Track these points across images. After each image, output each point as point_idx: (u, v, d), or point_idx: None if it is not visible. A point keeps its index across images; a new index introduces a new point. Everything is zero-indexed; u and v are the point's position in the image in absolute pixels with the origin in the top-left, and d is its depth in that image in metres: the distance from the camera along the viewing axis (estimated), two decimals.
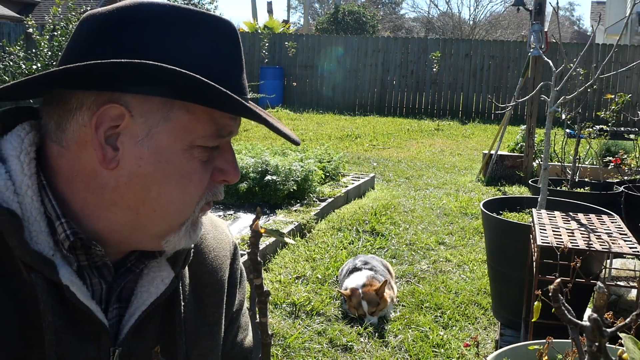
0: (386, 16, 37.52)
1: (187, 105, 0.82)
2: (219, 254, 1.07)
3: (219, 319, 1.04)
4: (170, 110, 0.82)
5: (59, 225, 0.82)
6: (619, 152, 5.43)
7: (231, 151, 0.90)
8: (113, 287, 0.89)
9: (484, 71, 14.91)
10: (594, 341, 0.51)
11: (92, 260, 0.86)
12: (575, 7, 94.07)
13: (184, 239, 0.89)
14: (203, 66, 0.80)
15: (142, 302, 0.90)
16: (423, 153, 9.05)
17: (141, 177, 0.83)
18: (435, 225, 5.05)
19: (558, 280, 0.65)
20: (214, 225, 1.11)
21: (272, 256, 3.97)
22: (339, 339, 2.99)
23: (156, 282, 0.92)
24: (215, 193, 0.90)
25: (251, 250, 0.58)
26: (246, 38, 16.42)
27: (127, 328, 0.88)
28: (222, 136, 0.86)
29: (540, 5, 6.45)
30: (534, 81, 6.29)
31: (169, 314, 0.94)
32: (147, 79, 0.78)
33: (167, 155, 0.83)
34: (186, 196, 0.86)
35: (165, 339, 0.93)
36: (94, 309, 0.83)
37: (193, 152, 0.84)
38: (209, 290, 1.03)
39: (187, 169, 0.84)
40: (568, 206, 3.06)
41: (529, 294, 2.42)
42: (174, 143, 0.83)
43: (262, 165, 5.12)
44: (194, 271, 1.01)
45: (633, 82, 13.75)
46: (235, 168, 0.89)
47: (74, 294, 0.80)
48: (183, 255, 0.95)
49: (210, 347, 1.01)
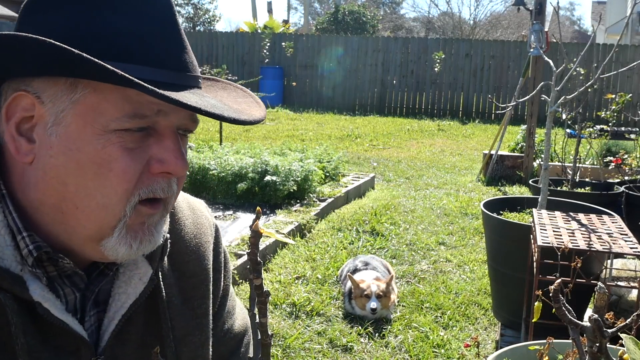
0: (386, 16, 37.52)
1: (95, 85, 0.73)
2: (201, 240, 0.99)
3: (206, 311, 0.98)
4: (75, 92, 0.74)
5: (21, 240, 0.76)
6: (619, 152, 5.43)
7: (173, 137, 0.78)
8: (87, 294, 0.83)
9: (484, 71, 14.91)
10: (594, 341, 0.51)
11: (62, 270, 0.80)
12: (575, 7, 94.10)
13: (123, 246, 0.78)
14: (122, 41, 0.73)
15: (121, 305, 0.84)
16: (423, 153, 9.05)
17: (54, 169, 0.75)
18: (435, 225, 5.05)
19: (558, 280, 0.64)
20: (192, 208, 1.02)
21: (272, 256, 3.97)
22: (339, 339, 2.99)
23: (134, 282, 0.86)
24: (153, 189, 0.78)
25: (251, 250, 0.57)
26: (246, 38, 16.44)
27: (107, 334, 0.83)
28: (144, 116, 0.75)
29: (540, 5, 6.45)
30: (535, 81, 6.29)
31: (153, 312, 0.89)
32: (30, 55, 0.70)
33: (78, 143, 0.74)
34: (107, 188, 0.75)
35: (151, 338, 0.89)
36: (69, 322, 0.78)
37: (110, 137, 0.74)
38: (194, 281, 0.96)
39: (103, 157, 0.74)
40: (568, 206, 3.06)
41: (529, 294, 2.42)
42: (83, 128, 0.74)
43: (262, 165, 5.12)
44: (176, 262, 0.95)
45: (633, 82, 13.75)
46: (177, 157, 0.78)
47: (47, 311, 0.75)
48: (160, 249, 0.87)
49: (200, 342, 0.96)
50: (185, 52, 0.79)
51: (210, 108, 0.75)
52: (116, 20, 0.74)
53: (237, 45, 16.37)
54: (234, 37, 16.68)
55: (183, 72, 0.78)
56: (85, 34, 0.73)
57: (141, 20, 0.75)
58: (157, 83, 0.72)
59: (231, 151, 5.95)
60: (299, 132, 10.65)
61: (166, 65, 0.76)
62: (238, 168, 5.14)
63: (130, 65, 0.72)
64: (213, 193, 5.22)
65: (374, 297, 3.17)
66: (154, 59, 0.75)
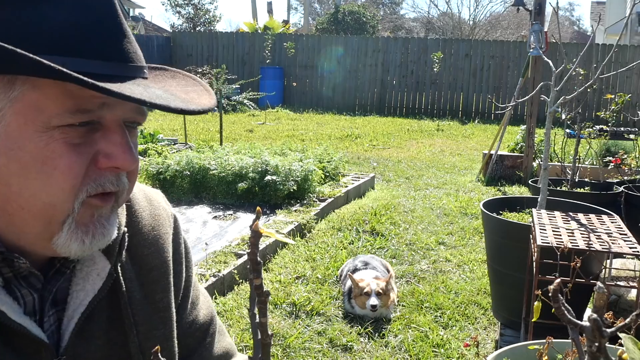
0: (386, 16, 37.52)
1: (33, 81, 0.71)
2: (159, 232, 0.98)
3: (168, 304, 0.96)
4: (13, 89, 0.71)
5: None
6: (618, 152, 5.43)
7: (120, 131, 0.76)
8: (44, 294, 0.81)
9: (484, 71, 14.92)
10: (593, 341, 0.51)
11: (17, 271, 0.78)
12: (575, 7, 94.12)
13: (75, 242, 0.75)
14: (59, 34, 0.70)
15: (80, 302, 0.83)
16: (423, 153, 9.05)
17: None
18: (435, 225, 5.05)
19: (558, 280, 0.65)
20: (149, 199, 1.00)
21: (272, 256, 3.97)
22: (339, 339, 2.99)
23: (92, 278, 0.84)
24: (102, 183, 0.75)
25: (251, 250, 0.58)
26: (246, 38, 16.45)
27: (68, 333, 0.82)
28: (87, 111, 0.72)
29: (540, 5, 6.45)
30: (534, 81, 6.29)
31: (115, 308, 0.87)
32: None
33: (19, 142, 0.71)
34: (53, 187, 0.73)
35: (115, 334, 0.87)
36: (27, 325, 0.76)
37: (53, 134, 0.72)
38: (154, 275, 0.95)
39: (46, 154, 0.72)
40: (568, 206, 3.06)
41: (529, 294, 2.42)
42: (24, 126, 0.71)
43: (262, 165, 5.12)
44: (135, 255, 0.93)
45: (633, 82, 13.76)
46: (124, 151, 0.75)
47: (4, 314, 0.74)
48: (117, 243, 0.86)
49: (165, 335, 0.95)
50: (126, 42, 0.76)
51: (155, 99, 0.72)
52: (54, 13, 0.71)
53: (237, 45, 16.37)
54: (234, 37, 16.68)
55: (125, 63, 0.75)
56: (22, 29, 0.70)
57: (79, 12, 0.72)
58: (97, 75, 0.70)
59: (232, 151, 5.95)
60: (299, 132, 10.65)
61: (107, 57, 0.73)
62: (238, 168, 5.14)
63: (69, 59, 0.70)
64: (213, 193, 5.22)
65: (374, 295, 3.18)
66: (93, 50, 0.72)
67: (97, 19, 0.73)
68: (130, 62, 0.76)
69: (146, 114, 0.82)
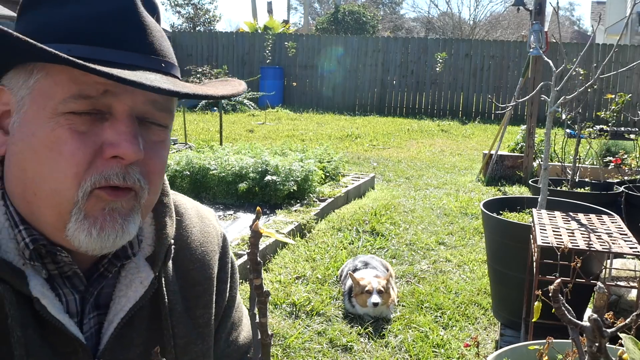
0: (386, 16, 37.51)
1: (48, 69, 0.74)
2: (207, 249, 0.98)
3: (209, 320, 0.97)
4: (31, 78, 0.75)
5: (18, 234, 0.76)
6: (619, 152, 5.43)
7: (127, 122, 0.76)
8: (86, 296, 0.83)
9: (484, 71, 14.92)
10: (594, 341, 0.51)
11: (62, 269, 0.80)
12: (575, 7, 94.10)
13: (82, 232, 0.75)
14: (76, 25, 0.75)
15: (121, 308, 0.84)
16: (423, 153, 9.05)
17: (15, 156, 0.76)
18: (435, 225, 5.05)
19: (558, 280, 0.65)
20: (200, 216, 1.02)
21: (272, 256, 3.97)
22: (339, 339, 2.99)
23: (134, 285, 0.85)
24: (107, 175, 0.75)
25: (251, 250, 0.58)
26: (246, 38, 16.45)
27: (106, 337, 0.82)
28: (88, 97, 0.74)
29: (540, 5, 6.45)
30: (534, 81, 6.29)
31: (156, 318, 0.88)
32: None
33: (32, 128, 0.74)
34: (58, 172, 0.74)
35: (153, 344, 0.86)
36: (66, 323, 0.77)
37: (59, 120, 0.73)
38: (197, 290, 0.95)
39: (52, 140, 0.73)
40: (568, 206, 3.06)
41: (529, 294, 2.42)
42: (37, 113, 0.74)
43: (262, 165, 5.12)
44: (180, 269, 0.94)
45: (633, 82, 13.76)
46: (127, 140, 0.74)
47: (44, 307, 0.75)
48: (163, 253, 0.87)
49: (202, 351, 0.95)
50: (146, 35, 0.77)
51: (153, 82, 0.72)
52: (77, 8, 0.75)
53: (237, 45, 16.37)
54: (233, 37, 16.68)
55: (145, 54, 0.77)
56: (45, 24, 0.75)
57: (100, 5, 0.76)
58: (109, 63, 0.72)
59: (232, 151, 5.95)
60: (299, 132, 10.65)
61: (123, 46, 0.75)
62: (238, 168, 5.14)
63: (80, 46, 0.73)
64: (213, 193, 5.22)
65: (375, 293, 3.19)
66: (108, 39, 0.75)
67: (117, 11, 0.76)
68: (150, 53, 0.77)
69: (168, 111, 0.82)
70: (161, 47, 0.79)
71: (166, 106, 0.81)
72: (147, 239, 0.89)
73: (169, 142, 0.85)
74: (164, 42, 0.81)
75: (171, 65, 0.81)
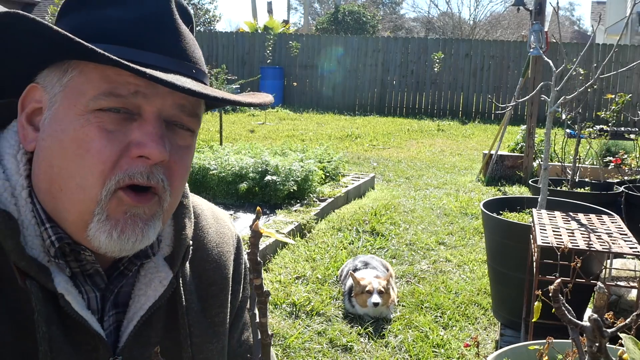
0: (386, 16, 37.51)
1: (82, 67, 0.76)
2: (223, 250, 1.00)
3: (224, 320, 0.98)
4: (65, 75, 0.77)
5: (44, 231, 0.78)
6: (619, 152, 5.43)
7: (155, 123, 0.77)
8: (106, 294, 0.84)
9: (484, 71, 14.92)
10: (594, 341, 0.51)
11: (84, 267, 0.82)
12: (575, 7, 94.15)
13: (103, 234, 0.76)
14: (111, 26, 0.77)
15: (140, 306, 0.85)
16: (423, 153, 9.05)
17: (43, 152, 0.77)
18: (435, 225, 5.05)
19: (558, 280, 0.65)
20: (216, 218, 1.04)
21: (272, 256, 3.97)
22: (339, 339, 2.99)
23: (154, 284, 0.86)
24: (131, 173, 0.76)
25: (251, 250, 0.58)
26: (246, 38, 16.45)
27: (126, 335, 0.84)
28: (119, 95, 0.75)
29: (540, 5, 6.45)
30: (534, 81, 6.29)
31: (173, 317, 0.89)
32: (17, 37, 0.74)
33: (62, 124, 0.76)
34: (84, 169, 0.75)
35: (170, 342, 0.89)
36: (89, 319, 0.79)
37: (89, 118, 0.75)
38: (213, 290, 0.97)
39: (81, 137, 0.75)
40: (568, 206, 3.06)
41: (529, 294, 2.42)
42: (68, 109, 0.76)
43: (262, 165, 5.12)
44: (197, 269, 0.96)
45: (633, 82, 13.75)
46: (153, 140, 0.76)
47: (68, 303, 0.76)
48: (181, 253, 0.89)
49: (217, 350, 0.96)
50: (179, 40, 0.80)
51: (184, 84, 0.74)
52: (114, 11, 0.77)
53: (237, 45, 16.37)
54: (234, 37, 16.68)
55: (176, 59, 0.79)
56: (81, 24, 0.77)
57: (136, 9, 0.78)
58: (141, 64, 0.74)
59: (232, 151, 5.95)
60: (299, 132, 10.65)
61: (157, 49, 0.77)
62: (238, 168, 5.13)
63: (114, 47, 0.75)
64: (213, 193, 5.21)
65: (375, 293, 3.19)
66: (143, 42, 0.76)
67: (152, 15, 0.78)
68: (183, 59, 0.79)
69: (195, 116, 0.83)
70: (193, 54, 0.82)
71: (194, 111, 0.82)
72: (166, 239, 0.91)
73: (194, 149, 0.87)
74: (196, 50, 0.83)
75: (202, 72, 0.83)
